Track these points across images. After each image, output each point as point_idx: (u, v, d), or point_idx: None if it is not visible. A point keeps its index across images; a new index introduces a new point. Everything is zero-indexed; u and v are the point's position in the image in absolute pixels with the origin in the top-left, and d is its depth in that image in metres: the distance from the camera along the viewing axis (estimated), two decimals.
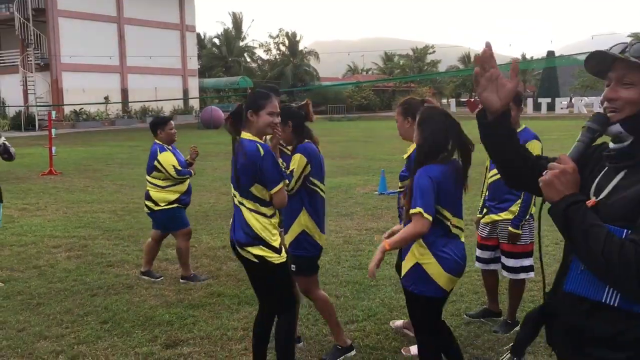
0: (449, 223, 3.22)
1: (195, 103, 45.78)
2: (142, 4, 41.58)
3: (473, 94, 79.87)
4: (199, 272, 6.12)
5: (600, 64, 1.72)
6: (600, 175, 1.73)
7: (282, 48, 63.81)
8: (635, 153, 1.65)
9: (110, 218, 9.11)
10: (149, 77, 41.37)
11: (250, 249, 3.34)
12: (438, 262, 3.19)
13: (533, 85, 78.37)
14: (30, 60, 36.61)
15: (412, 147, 3.69)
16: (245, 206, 3.34)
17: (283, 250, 3.43)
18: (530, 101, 52.61)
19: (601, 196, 1.68)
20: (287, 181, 3.60)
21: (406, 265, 3.30)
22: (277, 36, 63.92)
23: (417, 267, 3.23)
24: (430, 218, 3.07)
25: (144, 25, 41.85)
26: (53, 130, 16.16)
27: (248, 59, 65.74)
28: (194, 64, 47.35)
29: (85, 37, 37.46)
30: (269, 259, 3.34)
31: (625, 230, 1.56)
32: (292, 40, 63.13)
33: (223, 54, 61.01)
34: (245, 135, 3.40)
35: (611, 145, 1.73)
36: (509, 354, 1.93)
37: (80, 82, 37.09)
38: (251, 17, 63.98)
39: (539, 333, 1.87)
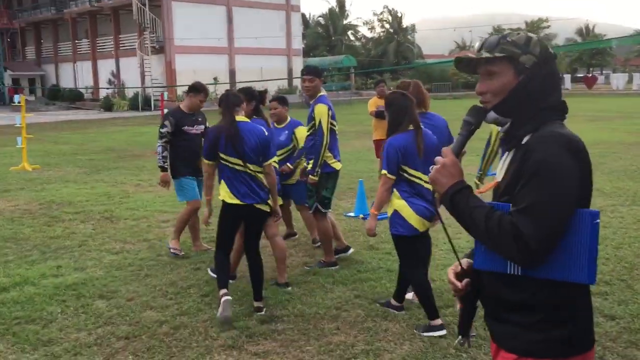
0: (414, 178, 4.14)
1: (299, 82, 46.37)
2: None
3: (590, 69, 74.97)
4: (296, 250, 6.24)
5: (469, 64, 1.88)
6: (502, 158, 1.86)
7: (387, 26, 63.02)
8: (515, 133, 1.79)
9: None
10: (255, 57, 42.39)
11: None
12: (410, 207, 4.12)
13: None
14: (147, 44, 38.67)
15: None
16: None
17: None
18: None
19: (498, 177, 1.84)
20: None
21: (389, 213, 4.23)
22: (381, 13, 63.16)
23: (395, 213, 4.18)
24: (393, 177, 4.11)
25: (251, 7, 42.83)
26: (165, 110, 16.99)
27: (352, 38, 65.60)
28: (298, 43, 47.91)
29: (196, 20, 38.96)
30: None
31: (509, 204, 1.70)
32: (396, 17, 62.14)
33: (327, 33, 61.25)
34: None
35: (500, 129, 1.88)
36: (459, 337, 2.02)
37: (192, 64, 38.68)
38: None
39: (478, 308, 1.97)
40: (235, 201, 4.50)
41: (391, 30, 62.85)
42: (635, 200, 8.23)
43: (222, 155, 4.46)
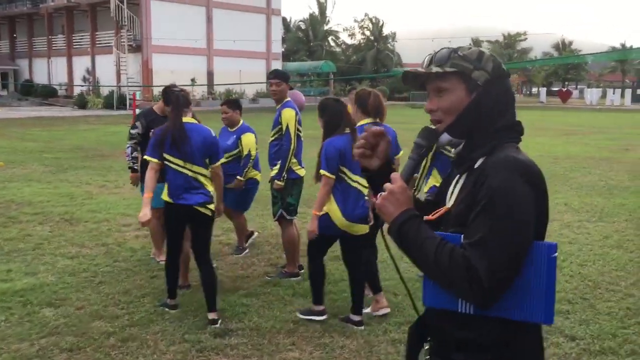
0: (347, 179, 4.28)
1: None
2: None
3: (566, 83, 76.14)
4: (259, 260, 6.08)
5: (417, 79, 1.74)
6: (453, 182, 1.73)
7: (367, 33, 63.25)
8: (467, 155, 1.67)
9: None
10: (234, 60, 42.13)
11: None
12: (338, 209, 4.26)
13: (633, 76, 73.68)
14: (124, 42, 38.18)
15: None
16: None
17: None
18: (629, 92, 49.46)
19: (449, 203, 1.69)
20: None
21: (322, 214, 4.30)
22: (362, 20, 63.39)
23: (325, 214, 4.28)
24: (333, 176, 4.24)
25: (231, 9, 42.58)
26: (137, 110, 16.73)
27: (332, 43, 65.68)
28: (278, 47, 47.76)
29: (174, 20, 38.58)
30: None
31: (461, 235, 1.56)
32: (376, 25, 62.42)
33: (308, 37, 61.24)
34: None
35: (452, 151, 1.77)
36: None
37: (169, 64, 38.29)
38: (335, 0, 63.58)
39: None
40: (171, 201, 4.41)
41: (371, 38, 63.04)
42: (602, 216, 8.25)
43: (166, 156, 4.37)
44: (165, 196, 4.45)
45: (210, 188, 4.50)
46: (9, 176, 11.12)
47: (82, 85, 41.25)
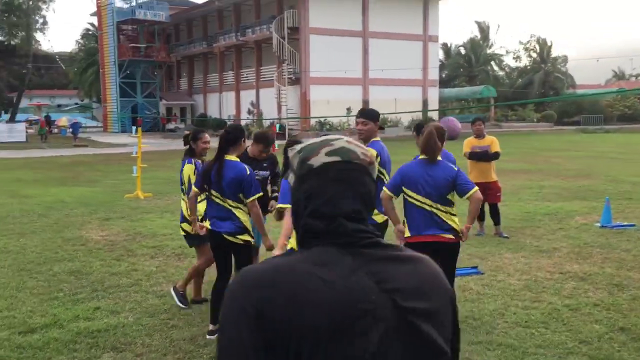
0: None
1: (434, 114, 45.35)
2: (386, 17, 42.58)
3: None
4: None
5: None
6: None
7: (534, 55, 59.93)
8: None
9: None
10: (390, 88, 42.16)
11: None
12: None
13: None
14: (284, 75, 40.04)
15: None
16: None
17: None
18: None
19: None
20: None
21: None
22: (528, 42, 60.23)
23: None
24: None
25: (388, 38, 42.80)
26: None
27: (495, 67, 63.20)
28: (434, 74, 46.95)
29: (331, 52, 39.67)
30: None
31: None
32: (544, 47, 58.87)
33: (468, 62, 59.56)
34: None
35: None
36: None
37: (325, 94, 39.38)
38: (499, 23, 61.35)
39: None
40: (208, 226, 5.07)
41: (538, 60, 59.59)
42: None
43: (207, 187, 4.95)
44: (207, 222, 5.11)
45: (244, 218, 4.95)
46: (150, 207, 11.84)
47: (247, 118, 43.86)
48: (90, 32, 64.88)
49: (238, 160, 4.99)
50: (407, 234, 4.87)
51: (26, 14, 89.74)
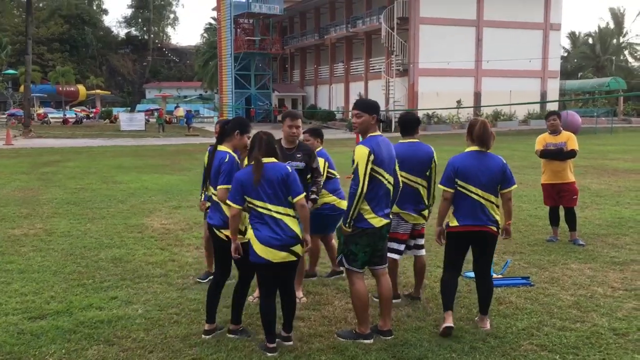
0: (256, 207, 4.42)
1: (553, 107, 42.53)
2: (503, 5, 40.49)
3: None
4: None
5: None
6: None
7: None
8: None
9: None
10: (504, 79, 40.11)
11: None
12: (254, 235, 4.42)
13: None
14: (392, 67, 39.35)
15: None
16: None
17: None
18: None
19: None
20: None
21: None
22: None
23: (249, 242, 4.49)
24: (236, 205, 4.42)
25: (504, 27, 40.70)
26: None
27: (629, 58, 58.12)
28: (555, 65, 43.96)
29: (442, 43, 38.41)
30: None
31: None
32: None
33: (596, 52, 55.21)
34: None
35: None
36: None
37: (435, 86, 38.25)
38: (637, 10, 56.11)
39: None
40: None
41: None
42: None
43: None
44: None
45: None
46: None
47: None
48: (212, 26, 67.80)
49: (227, 150, 4.83)
50: (454, 222, 4.87)
51: (159, 10, 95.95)
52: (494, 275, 5.95)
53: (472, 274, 5.16)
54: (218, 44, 54.82)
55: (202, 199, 6.30)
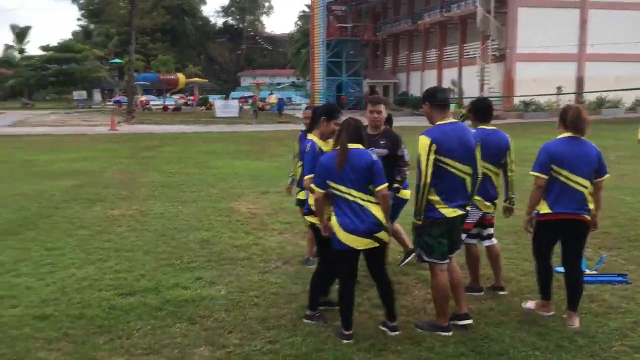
0: (339, 193, 4.38)
1: None
2: None
3: None
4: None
5: None
6: None
7: None
8: None
9: None
10: (611, 64, 37.60)
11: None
12: (338, 223, 4.38)
13: None
14: (488, 52, 38.00)
15: None
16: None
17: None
18: None
19: None
20: None
21: None
22: None
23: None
24: (319, 189, 4.43)
25: (612, 8, 38.16)
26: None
27: None
28: None
29: (542, 26, 36.56)
30: None
31: None
32: None
33: None
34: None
35: None
36: None
37: (532, 72, 36.55)
38: None
39: None
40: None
41: None
42: None
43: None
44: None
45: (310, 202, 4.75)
46: None
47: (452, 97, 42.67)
48: (305, 14, 68.40)
49: (312, 138, 5.00)
50: (546, 210, 4.69)
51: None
52: (587, 272, 5.64)
53: (562, 269, 4.90)
54: (310, 32, 55.25)
55: (289, 183, 6.70)
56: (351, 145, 4.41)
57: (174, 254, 6.79)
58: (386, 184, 4.41)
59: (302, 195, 5.95)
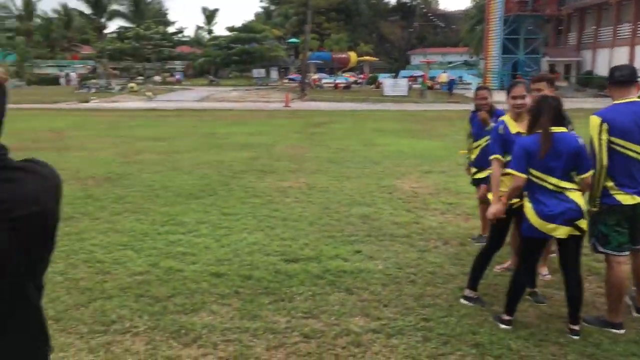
0: (538, 180, 4.06)
1: None
2: None
3: None
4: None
5: None
6: None
7: None
8: None
9: None
10: None
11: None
12: (533, 209, 4.08)
13: None
14: None
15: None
16: None
17: None
18: None
19: None
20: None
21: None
22: None
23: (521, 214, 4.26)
24: (521, 174, 4.08)
25: None
26: None
27: None
28: None
29: None
30: None
31: None
32: None
33: None
34: None
35: None
36: None
37: None
38: None
39: None
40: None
41: None
42: None
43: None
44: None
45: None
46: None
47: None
48: None
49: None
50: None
51: None
52: None
53: None
54: (487, 7, 52.86)
55: (467, 164, 6.80)
56: (554, 129, 4.01)
57: (336, 227, 7.04)
58: (592, 171, 4.07)
59: (480, 175, 5.88)
